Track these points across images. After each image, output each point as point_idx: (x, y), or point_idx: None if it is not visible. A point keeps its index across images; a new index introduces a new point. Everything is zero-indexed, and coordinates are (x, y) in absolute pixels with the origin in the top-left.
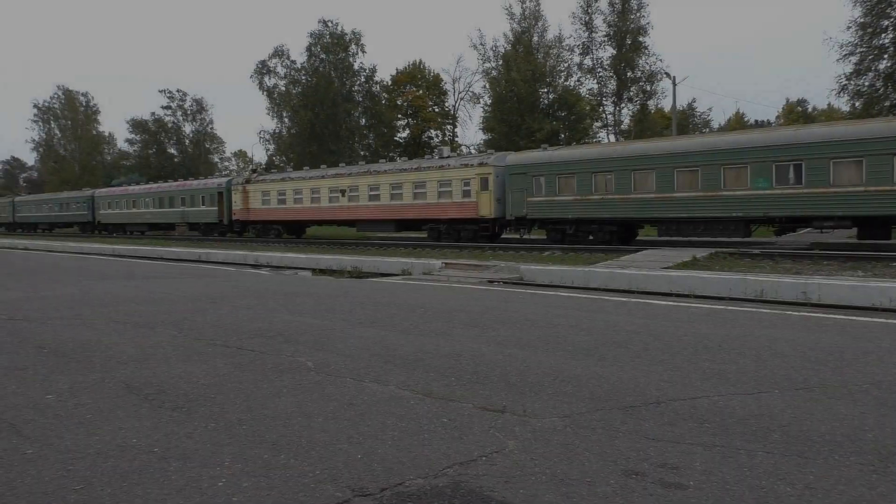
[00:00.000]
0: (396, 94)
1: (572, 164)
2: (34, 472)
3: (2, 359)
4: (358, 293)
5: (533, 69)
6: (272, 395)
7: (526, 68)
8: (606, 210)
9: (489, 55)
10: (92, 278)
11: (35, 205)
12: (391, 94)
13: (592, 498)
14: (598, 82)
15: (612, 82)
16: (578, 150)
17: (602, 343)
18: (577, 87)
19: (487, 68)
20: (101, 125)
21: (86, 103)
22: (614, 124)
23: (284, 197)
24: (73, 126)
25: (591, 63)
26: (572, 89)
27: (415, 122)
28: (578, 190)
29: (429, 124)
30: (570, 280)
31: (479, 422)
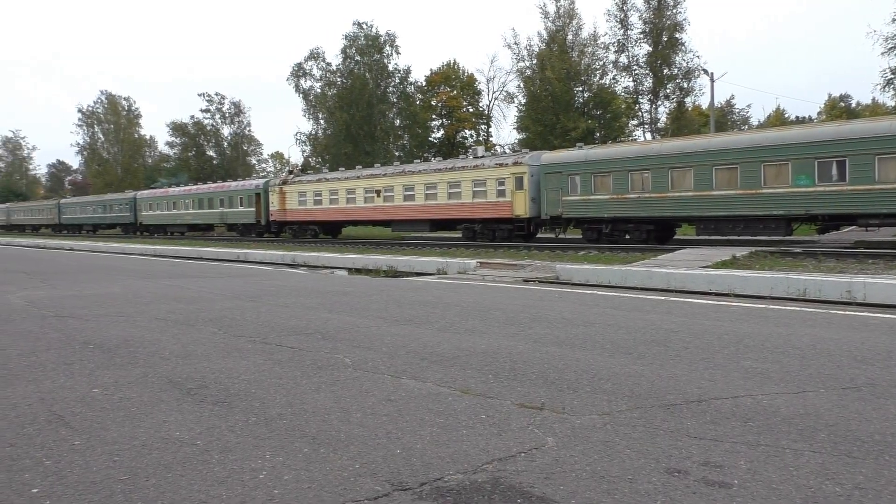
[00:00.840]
0: (430, 94)
1: (608, 162)
2: (82, 462)
3: (50, 354)
4: (394, 292)
5: (567, 68)
6: (311, 391)
7: (560, 67)
8: (643, 209)
9: (523, 54)
10: (135, 277)
11: (80, 206)
12: (425, 94)
13: (635, 495)
14: (634, 80)
15: (649, 80)
16: (614, 149)
17: (641, 341)
18: (613, 86)
19: (521, 67)
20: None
21: (128, 107)
22: (650, 122)
23: (320, 198)
24: (116, 130)
25: (627, 60)
26: (608, 87)
27: (449, 123)
28: (614, 189)
29: (463, 124)
30: (606, 279)
31: (518, 418)
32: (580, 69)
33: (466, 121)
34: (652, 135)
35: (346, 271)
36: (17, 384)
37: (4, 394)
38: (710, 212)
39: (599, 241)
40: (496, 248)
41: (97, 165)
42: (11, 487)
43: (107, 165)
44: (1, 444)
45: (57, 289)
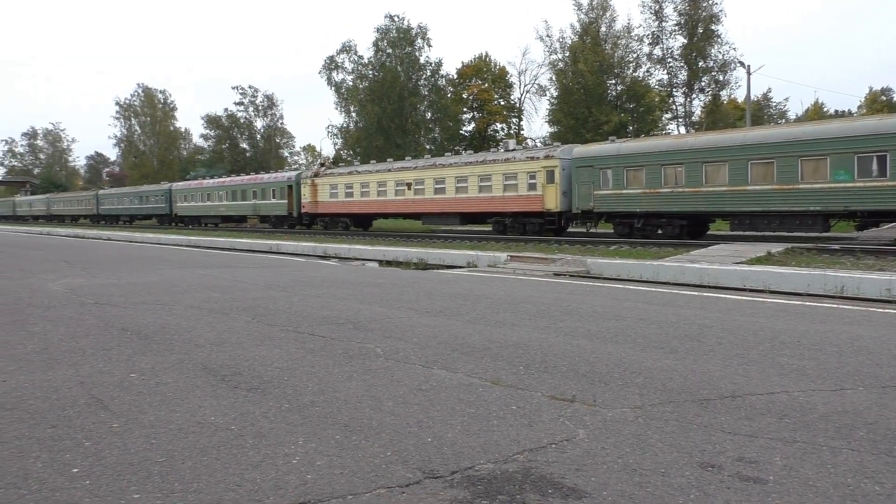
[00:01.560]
0: (462, 87)
1: (641, 156)
2: (120, 444)
3: (90, 339)
4: (424, 284)
5: (601, 60)
6: (343, 379)
7: (593, 59)
8: (676, 203)
9: (556, 47)
10: (170, 267)
11: (117, 198)
12: (457, 87)
13: (667, 489)
14: (669, 73)
15: (683, 72)
16: (647, 142)
17: (673, 336)
18: (647, 78)
19: (554, 60)
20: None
21: (164, 100)
22: (685, 116)
23: (352, 190)
24: (152, 122)
25: (661, 53)
26: (641, 80)
27: (480, 116)
28: (647, 183)
29: (494, 117)
30: (638, 274)
31: (549, 410)
32: (613, 62)
33: (498, 114)
34: (686, 128)
35: (376, 263)
36: (58, 368)
37: (46, 377)
38: (745, 207)
39: (631, 236)
40: (527, 241)
41: (134, 157)
42: (53, 467)
43: (143, 157)
44: (43, 426)
45: (96, 277)
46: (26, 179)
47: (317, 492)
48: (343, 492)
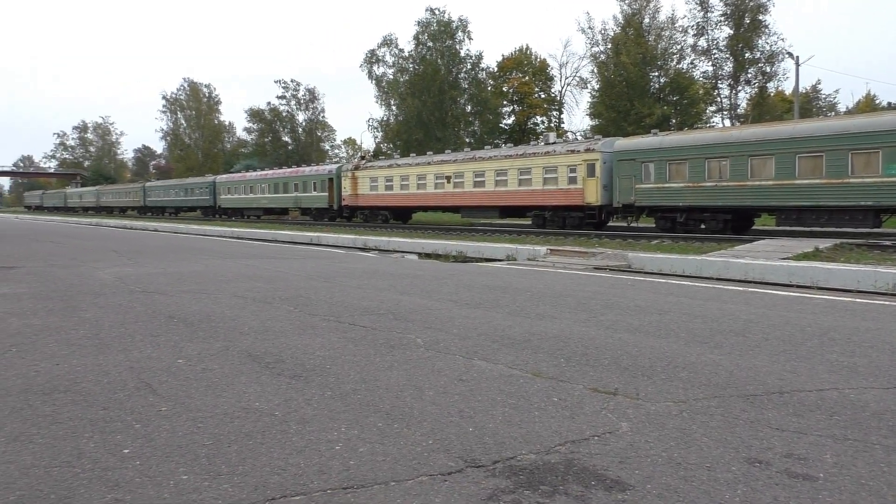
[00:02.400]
0: (502, 80)
1: (684, 149)
2: (169, 427)
3: (138, 326)
4: (464, 276)
5: (643, 52)
6: (384, 369)
7: (636, 51)
8: (720, 197)
9: (597, 39)
10: (214, 257)
11: (163, 190)
12: (497, 80)
13: (713, 483)
14: (714, 64)
15: (729, 64)
16: (691, 135)
17: (717, 331)
18: (691, 70)
19: (596, 52)
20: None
21: (208, 94)
22: (730, 108)
23: (391, 183)
24: (197, 116)
25: (706, 44)
26: (685, 72)
27: (520, 109)
28: (690, 176)
29: (534, 111)
30: (680, 269)
31: (591, 402)
32: (656, 53)
33: (538, 107)
34: (731, 121)
35: (416, 256)
36: (109, 353)
37: (97, 361)
38: (792, 201)
39: (673, 231)
40: (566, 235)
41: (179, 150)
42: (105, 447)
43: (188, 150)
44: (95, 408)
45: (143, 266)
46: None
47: (360, 477)
48: (386, 478)
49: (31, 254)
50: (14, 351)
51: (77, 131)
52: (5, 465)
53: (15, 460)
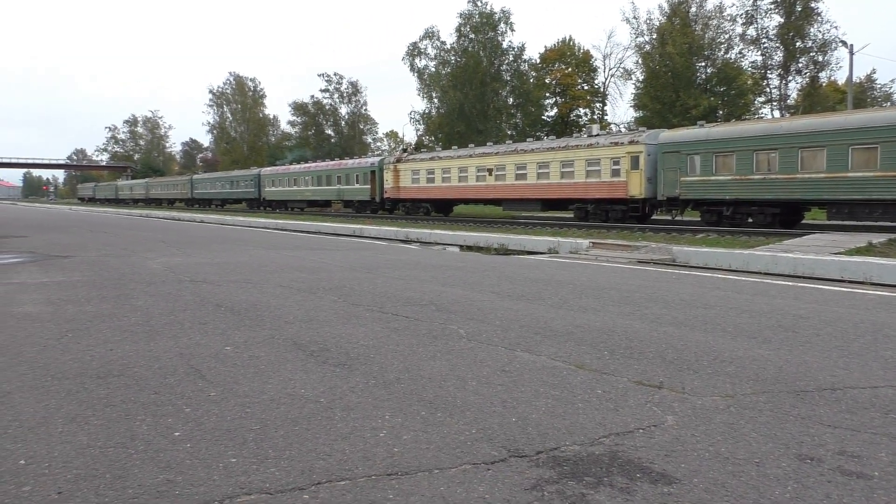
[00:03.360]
0: (545, 72)
1: (731, 141)
2: (217, 411)
3: (187, 314)
4: (505, 268)
5: (690, 42)
6: (427, 359)
7: (682, 41)
8: (768, 191)
9: (642, 29)
10: (260, 248)
11: (209, 182)
12: (539, 72)
13: (763, 479)
14: (763, 54)
15: (779, 53)
16: (738, 127)
17: (766, 326)
18: (739, 60)
19: (640, 43)
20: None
21: (253, 88)
22: (779, 99)
23: (433, 176)
24: (243, 109)
25: (755, 33)
26: (733, 62)
27: (563, 101)
28: (737, 169)
29: (577, 102)
30: (726, 263)
31: (635, 395)
32: (703, 43)
33: (581, 99)
34: (781, 112)
35: (457, 248)
36: (159, 339)
37: (148, 348)
38: (844, 195)
39: (719, 224)
40: (609, 228)
41: (225, 143)
42: (157, 430)
43: (234, 143)
44: (147, 392)
45: (191, 256)
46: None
47: (404, 464)
48: (430, 466)
49: (85, 244)
50: (70, 336)
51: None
52: (63, 444)
53: (72, 440)
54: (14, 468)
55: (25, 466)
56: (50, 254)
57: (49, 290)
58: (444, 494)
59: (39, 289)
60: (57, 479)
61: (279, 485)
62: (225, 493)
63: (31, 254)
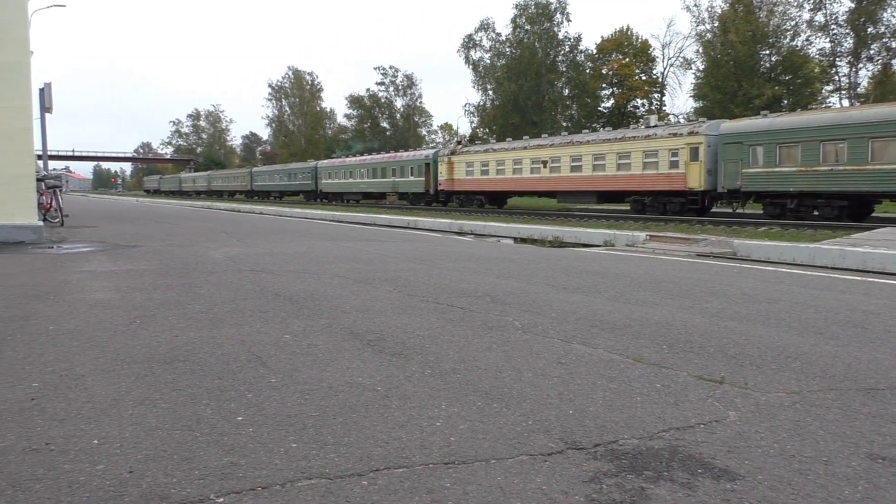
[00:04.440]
0: (601, 62)
1: (796, 131)
2: (278, 398)
3: (248, 302)
4: (560, 261)
5: (754, 30)
6: (482, 350)
7: (745, 29)
8: (836, 183)
9: (704, 17)
10: (317, 239)
11: (268, 175)
12: (596, 63)
13: (831, 478)
14: (832, 41)
15: (849, 40)
16: (804, 117)
17: (833, 322)
18: (806, 48)
19: (701, 31)
20: (323, 102)
21: (311, 82)
22: (849, 87)
23: (487, 168)
24: (301, 103)
25: (824, 19)
26: (799, 50)
27: (620, 92)
28: (803, 160)
29: (634, 93)
30: (791, 257)
31: (696, 390)
32: (768, 30)
33: (638, 89)
34: (850, 101)
35: (511, 240)
36: (222, 327)
37: (211, 335)
38: None
39: (783, 217)
40: (667, 221)
41: (283, 137)
42: (220, 414)
43: (292, 136)
44: (210, 377)
45: (251, 247)
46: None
47: (461, 454)
48: (486, 456)
49: (151, 234)
50: (138, 322)
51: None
52: (133, 426)
53: (141, 422)
54: (88, 447)
55: (98, 446)
56: (118, 243)
57: (118, 278)
58: (502, 484)
59: (109, 277)
60: (128, 459)
61: (338, 470)
62: (286, 476)
63: (101, 243)
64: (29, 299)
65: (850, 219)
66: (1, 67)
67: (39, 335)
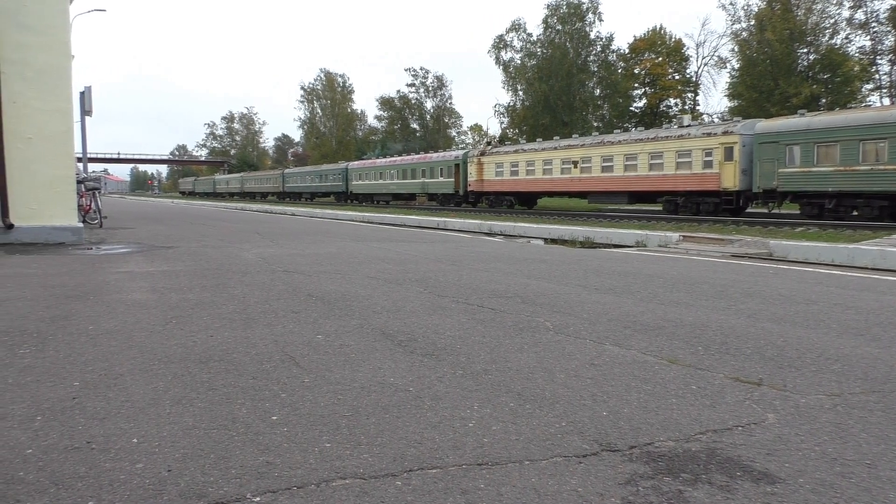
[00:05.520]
0: (633, 62)
1: (834, 130)
2: (311, 397)
3: (280, 303)
4: (591, 262)
5: (791, 28)
6: (514, 350)
7: (783, 27)
8: (876, 182)
9: (739, 15)
10: (347, 240)
11: (300, 176)
12: (628, 62)
13: (875, 481)
14: (872, 38)
15: (890, 37)
16: (842, 116)
17: (874, 323)
18: (845, 46)
19: (737, 30)
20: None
21: (342, 84)
22: (889, 86)
23: (517, 169)
24: (332, 105)
25: (864, 17)
26: (838, 48)
27: (652, 91)
28: (842, 160)
29: (668, 93)
30: (829, 258)
31: (732, 392)
32: (806, 28)
33: (671, 89)
34: (891, 100)
35: (541, 241)
36: (255, 327)
37: (245, 335)
38: None
39: (820, 218)
40: (700, 222)
41: (315, 138)
42: (255, 413)
43: (323, 138)
44: (245, 377)
45: (283, 248)
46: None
47: (494, 455)
48: (520, 457)
49: (186, 235)
50: (174, 322)
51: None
52: (171, 424)
53: (178, 421)
54: (128, 446)
55: (138, 445)
56: (154, 244)
57: (154, 279)
58: (536, 486)
59: (146, 277)
60: (167, 458)
61: (372, 470)
62: (321, 476)
63: (138, 244)
64: (69, 300)
65: (890, 219)
66: (42, 70)
67: (80, 335)
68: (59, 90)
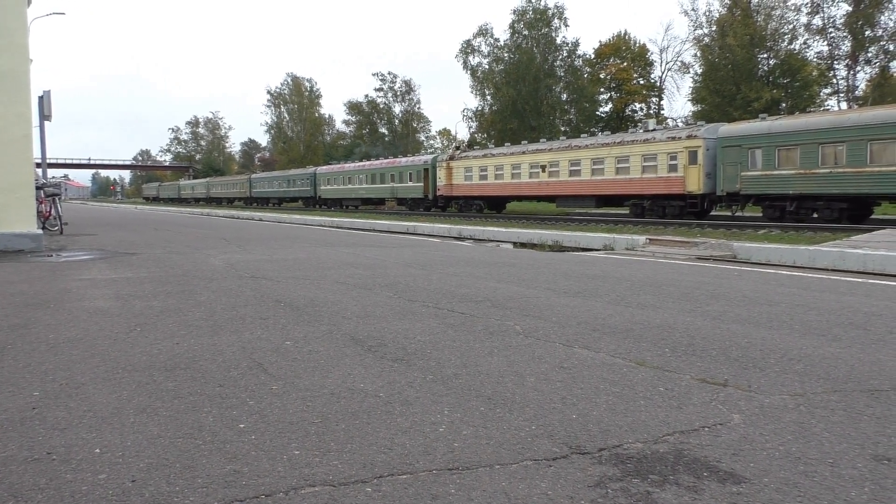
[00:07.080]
0: (599, 67)
1: (795, 134)
2: (280, 404)
3: (248, 309)
4: (560, 265)
5: (751, 33)
6: (484, 354)
7: (743, 33)
8: (835, 185)
9: (701, 21)
10: (316, 245)
11: (267, 181)
12: (594, 67)
13: (837, 479)
14: (829, 44)
15: (847, 43)
16: (803, 120)
17: (835, 324)
18: (804, 51)
19: (699, 35)
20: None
21: (310, 88)
22: (847, 90)
23: (486, 173)
24: (299, 109)
25: (822, 23)
26: (797, 53)
27: (618, 96)
28: (802, 163)
29: (633, 97)
30: (791, 259)
31: (699, 393)
32: (766, 34)
33: (636, 93)
34: (848, 104)
35: (511, 245)
36: (223, 334)
37: (212, 342)
38: None
39: (782, 220)
40: (666, 224)
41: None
42: (222, 422)
43: (291, 143)
44: (212, 385)
45: (251, 253)
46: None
47: (464, 459)
48: (490, 461)
49: (151, 241)
50: (138, 330)
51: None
52: (135, 434)
53: (143, 430)
54: (90, 456)
55: (100, 455)
56: (118, 251)
57: (118, 286)
58: (507, 490)
59: (109, 284)
60: (130, 468)
61: (342, 477)
62: (290, 484)
63: (101, 251)
64: (29, 308)
65: (849, 221)
66: (0, 75)
67: (40, 344)
68: (18, 94)
